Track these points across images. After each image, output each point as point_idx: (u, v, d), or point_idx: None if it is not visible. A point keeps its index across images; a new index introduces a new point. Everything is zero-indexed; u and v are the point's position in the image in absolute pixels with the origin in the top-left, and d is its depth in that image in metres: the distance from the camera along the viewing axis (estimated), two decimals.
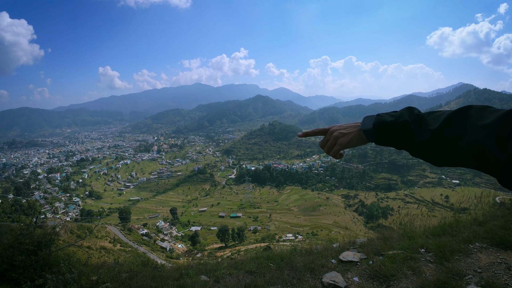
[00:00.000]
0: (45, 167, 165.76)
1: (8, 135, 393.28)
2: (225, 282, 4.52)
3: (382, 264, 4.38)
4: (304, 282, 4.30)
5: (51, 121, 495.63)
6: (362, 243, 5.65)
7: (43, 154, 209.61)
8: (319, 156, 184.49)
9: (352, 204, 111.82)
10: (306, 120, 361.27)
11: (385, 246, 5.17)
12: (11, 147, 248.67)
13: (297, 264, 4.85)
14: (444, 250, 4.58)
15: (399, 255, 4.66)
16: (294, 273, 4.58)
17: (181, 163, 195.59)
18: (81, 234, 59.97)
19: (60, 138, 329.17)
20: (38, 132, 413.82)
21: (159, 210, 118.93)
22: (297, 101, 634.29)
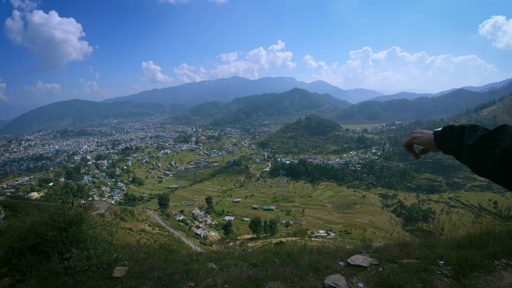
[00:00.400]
0: (93, 154, 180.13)
1: (60, 124, 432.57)
2: (228, 272, 4.74)
3: (392, 272, 4.19)
4: (305, 281, 4.30)
5: (99, 112, 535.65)
6: (378, 248, 5.44)
7: (92, 143, 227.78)
8: (356, 152, 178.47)
9: (390, 204, 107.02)
10: (345, 114, 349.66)
11: (401, 254, 4.93)
12: (64, 136, 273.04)
13: (302, 262, 4.87)
14: (464, 264, 4.27)
15: (413, 265, 4.43)
16: (297, 271, 4.61)
17: (217, 154, 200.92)
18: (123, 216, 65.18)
19: (107, 128, 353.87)
20: (88, 122, 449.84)
21: (195, 198, 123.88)
22: (335, 94, 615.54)
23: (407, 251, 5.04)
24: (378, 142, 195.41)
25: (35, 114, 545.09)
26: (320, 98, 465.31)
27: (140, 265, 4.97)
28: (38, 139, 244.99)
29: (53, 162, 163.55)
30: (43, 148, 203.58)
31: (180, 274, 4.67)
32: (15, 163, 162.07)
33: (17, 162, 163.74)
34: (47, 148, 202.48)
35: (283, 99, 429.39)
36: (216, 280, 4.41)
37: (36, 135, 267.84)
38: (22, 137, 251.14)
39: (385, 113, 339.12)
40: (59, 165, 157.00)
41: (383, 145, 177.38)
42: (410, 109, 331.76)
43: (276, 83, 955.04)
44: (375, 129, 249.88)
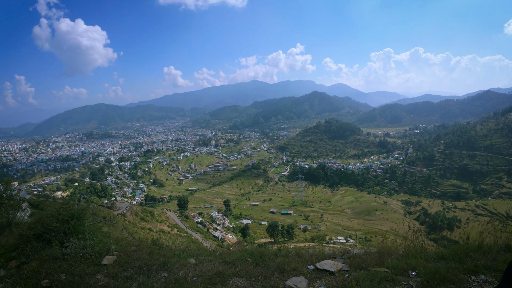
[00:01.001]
0: (117, 156, 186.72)
1: (86, 127, 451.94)
2: (201, 267, 5.22)
3: (356, 280, 4.24)
4: (268, 281, 4.51)
5: (123, 116, 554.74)
6: (355, 254, 5.49)
7: (116, 145, 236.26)
8: (378, 157, 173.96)
9: (413, 212, 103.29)
10: (366, 118, 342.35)
11: (375, 262, 4.95)
12: (89, 138, 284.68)
13: (272, 263, 5.10)
14: (433, 277, 4.14)
15: (382, 273, 4.44)
16: (264, 271, 4.86)
17: (236, 158, 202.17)
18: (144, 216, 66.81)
19: (130, 131, 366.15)
20: (112, 125, 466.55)
21: (214, 201, 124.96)
22: (356, 97, 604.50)
23: (381, 260, 5.03)
24: (400, 146, 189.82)
25: (63, 117, 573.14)
26: (340, 102, 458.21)
27: (127, 256, 5.73)
28: (65, 141, 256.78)
29: (78, 163, 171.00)
30: (70, 150, 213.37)
31: (158, 265, 5.30)
32: (42, 164, 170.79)
33: (45, 163, 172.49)
34: (74, 150, 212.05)
35: (302, 103, 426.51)
36: (188, 273, 4.91)
37: (63, 137, 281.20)
38: (50, 139, 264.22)
39: (408, 116, 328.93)
40: (84, 166, 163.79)
41: (406, 150, 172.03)
42: (435, 112, 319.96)
43: (295, 87, 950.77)
44: (397, 133, 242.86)
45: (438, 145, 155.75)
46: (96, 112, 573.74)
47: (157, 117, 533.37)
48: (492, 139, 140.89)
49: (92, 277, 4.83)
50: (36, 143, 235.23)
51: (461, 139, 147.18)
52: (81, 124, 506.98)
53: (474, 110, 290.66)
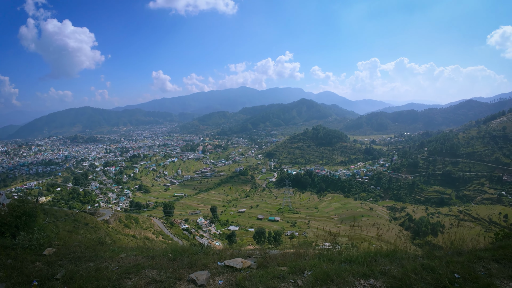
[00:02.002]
0: (102, 161, 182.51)
1: (71, 131, 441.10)
2: (127, 260, 5.88)
3: (251, 276, 4.68)
4: (176, 273, 5.04)
5: (109, 120, 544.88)
6: (270, 255, 5.90)
7: (101, 149, 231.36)
8: (364, 164, 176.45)
9: (398, 217, 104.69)
10: (352, 125, 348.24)
11: (282, 261, 5.34)
12: (73, 142, 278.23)
13: (186, 259, 5.61)
14: (322, 278, 4.46)
15: (278, 271, 4.83)
16: (177, 265, 5.39)
17: (224, 164, 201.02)
18: (128, 223, 65.15)
19: (116, 135, 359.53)
20: (98, 129, 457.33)
21: (201, 207, 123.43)
22: (343, 105, 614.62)
23: (284, 260, 5.46)
24: (386, 153, 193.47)
25: (47, 120, 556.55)
26: (327, 109, 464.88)
27: (66, 249, 6.57)
28: (48, 145, 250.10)
29: (61, 168, 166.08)
30: (53, 154, 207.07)
31: (88, 257, 6.08)
32: (24, 167, 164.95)
33: (27, 167, 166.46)
34: (57, 154, 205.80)
35: (290, 110, 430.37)
36: (111, 264, 5.60)
37: (47, 141, 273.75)
38: (32, 142, 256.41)
39: (393, 124, 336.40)
40: (67, 171, 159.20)
41: (391, 157, 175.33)
42: (419, 120, 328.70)
43: (284, 94, 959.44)
44: (383, 140, 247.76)
45: (422, 152, 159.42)
46: (81, 116, 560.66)
47: (145, 122, 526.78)
48: (474, 147, 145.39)
49: (32, 263, 5.66)
50: (18, 146, 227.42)
51: (444, 147, 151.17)
52: (66, 127, 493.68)
53: (457, 118, 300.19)
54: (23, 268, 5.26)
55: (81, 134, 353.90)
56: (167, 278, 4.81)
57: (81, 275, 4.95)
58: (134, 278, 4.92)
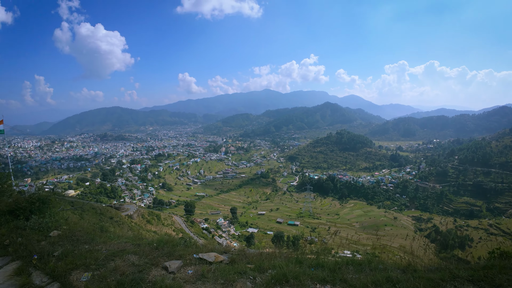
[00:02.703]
0: (129, 158, 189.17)
1: (101, 129, 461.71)
2: (117, 245, 6.57)
3: (216, 269, 5.03)
4: (154, 260, 5.51)
5: (137, 119, 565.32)
6: (246, 253, 6.18)
7: (129, 147, 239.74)
8: (389, 171, 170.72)
9: (424, 229, 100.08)
10: (378, 130, 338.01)
11: (251, 259, 5.64)
12: (103, 139, 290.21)
13: (166, 249, 6.12)
14: (279, 278, 4.70)
15: (242, 268, 5.11)
16: (157, 253, 5.87)
17: (245, 166, 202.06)
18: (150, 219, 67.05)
19: (143, 134, 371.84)
20: (126, 128, 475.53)
21: (221, 208, 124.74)
22: (368, 109, 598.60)
23: (256, 258, 5.73)
24: (413, 161, 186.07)
25: (79, 118, 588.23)
26: (352, 113, 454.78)
27: (69, 233, 7.33)
28: (79, 141, 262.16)
29: (91, 163, 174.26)
30: (84, 150, 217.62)
31: (85, 240, 6.91)
32: (56, 162, 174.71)
33: (59, 161, 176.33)
34: (87, 150, 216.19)
35: (314, 113, 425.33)
36: (103, 247, 6.29)
37: (78, 137, 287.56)
38: (65, 139, 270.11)
39: (422, 130, 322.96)
40: (96, 167, 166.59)
41: (418, 164, 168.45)
42: (449, 127, 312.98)
43: (308, 97, 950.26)
44: (410, 147, 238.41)
45: (452, 161, 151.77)
46: (111, 115, 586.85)
47: (170, 122, 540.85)
48: (507, 156, 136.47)
49: (38, 242, 6.47)
50: (52, 142, 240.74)
51: (476, 155, 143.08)
52: (96, 125, 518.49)
53: (490, 125, 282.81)
54: (29, 245, 6.10)
55: (110, 132, 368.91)
56: (145, 263, 5.28)
57: (74, 254, 5.66)
58: (118, 260, 5.48)
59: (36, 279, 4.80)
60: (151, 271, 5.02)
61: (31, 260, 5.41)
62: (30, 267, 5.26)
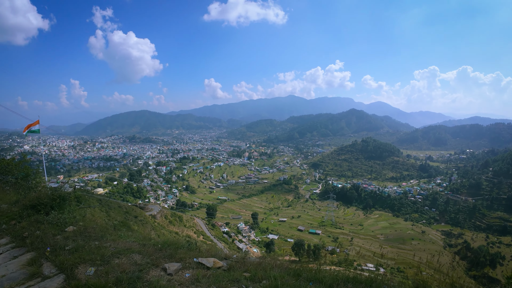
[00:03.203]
0: (155, 160, 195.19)
1: (130, 131, 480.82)
2: (122, 243, 6.85)
3: (211, 275, 5.07)
4: (155, 260, 5.66)
5: (164, 123, 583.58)
6: (247, 261, 6.13)
7: (155, 150, 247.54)
8: (418, 182, 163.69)
9: (453, 244, 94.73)
10: (406, 139, 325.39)
11: (250, 268, 5.59)
12: (131, 141, 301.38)
13: (168, 251, 6.32)
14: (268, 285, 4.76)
15: (236, 276, 5.13)
16: (160, 254, 6.06)
17: (268, 171, 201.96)
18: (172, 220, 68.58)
19: (169, 137, 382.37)
20: (153, 131, 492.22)
21: (242, 212, 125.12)
22: (396, 117, 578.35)
23: (255, 267, 5.68)
24: (444, 171, 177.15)
25: (110, 120, 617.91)
26: (379, 120, 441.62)
27: (84, 229, 7.63)
28: (109, 142, 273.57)
29: (119, 164, 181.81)
30: (113, 151, 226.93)
31: (97, 237, 7.16)
32: (87, 161, 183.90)
33: (90, 161, 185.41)
34: (116, 151, 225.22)
35: (339, 120, 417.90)
36: (111, 245, 6.53)
37: (109, 139, 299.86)
38: (96, 139, 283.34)
39: (453, 139, 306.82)
40: (124, 167, 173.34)
41: (450, 176, 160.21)
42: (484, 136, 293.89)
43: (333, 103, 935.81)
44: (441, 157, 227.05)
45: (486, 173, 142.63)
46: (139, 118, 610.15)
47: (195, 126, 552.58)
48: None
49: (53, 236, 6.85)
50: (84, 142, 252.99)
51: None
52: (126, 128, 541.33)
53: None
54: (45, 238, 6.54)
55: (138, 134, 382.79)
56: (146, 263, 5.49)
57: (84, 249, 5.99)
58: (122, 258, 5.73)
59: (46, 270, 5.19)
60: (150, 271, 5.22)
61: (45, 252, 5.86)
62: (42, 258, 5.66)
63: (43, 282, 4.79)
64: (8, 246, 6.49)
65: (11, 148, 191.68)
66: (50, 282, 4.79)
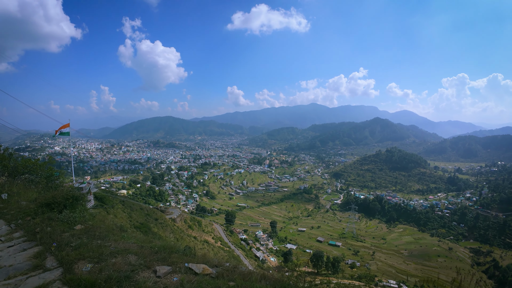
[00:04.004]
0: (177, 165, 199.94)
1: (154, 136, 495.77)
2: (122, 244, 7.23)
3: (194, 280, 5.25)
4: (149, 262, 5.93)
5: (187, 129, 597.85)
6: (236, 270, 6.21)
7: (178, 155, 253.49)
8: (446, 195, 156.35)
9: (482, 263, 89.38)
10: (434, 149, 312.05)
11: (235, 278, 5.72)
12: (155, 146, 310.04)
13: (163, 255, 6.56)
14: None
15: (220, 284, 5.29)
16: (154, 257, 6.33)
17: (288, 180, 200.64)
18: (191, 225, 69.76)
19: (192, 143, 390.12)
20: (177, 136, 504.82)
21: (261, 220, 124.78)
22: (423, 126, 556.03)
23: (241, 277, 5.80)
24: (474, 185, 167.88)
25: (136, 125, 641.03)
26: (404, 130, 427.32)
27: (91, 228, 8.12)
28: (135, 146, 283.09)
29: (143, 167, 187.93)
30: (138, 154, 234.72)
31: (100, 236, 7.53)
32: (113, 163, 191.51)
33: (116, 163, 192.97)
34: (141, 155, 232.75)
35: (362, 129, 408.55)
36: (111, 244, 6.91)
37: (134, 143, 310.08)
38: (122, 143, 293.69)
39: (484, 151, 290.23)
40: (148, 170, 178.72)
41: (480, 189, 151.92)
42: None
43: (356, 112, 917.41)
44: (471, 169, 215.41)
45: None
46: (164, 123, 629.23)
47: (217, 133, 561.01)
48: None
49: (62, 233, 7.32)
50: (111, 145, 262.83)
51: None
52: (151, 133, 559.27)
53: None
54: (53, 234, 7.08)
55: (162, 139, 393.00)
56: (139, 264, 5.81)
57: (86, 247, 6.44)
58: (119, 258, 6.08)
59: (48, 263, 5.75)
60: (141, 272, 5.48)
61: (51, 247, 6.38)
62: (47, 252, 6.19)
63: (43, 274, 5.31)
64: (20, 239, 7.10)
65: (42, 148, 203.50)
66: (49, 274, 5.31)
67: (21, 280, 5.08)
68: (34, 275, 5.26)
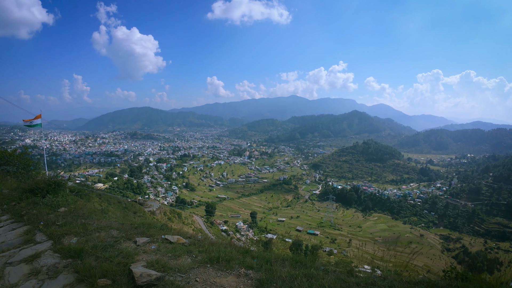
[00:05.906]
0: (155, 157, 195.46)
1: (132, 127, 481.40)
2: (105, 222, 7.98)
3: (168, 248, 6.04)
4: (129, 235, 6.67)
5: (165, 120, 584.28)
6: (208, 241, 7.10)
7: (156, 146, 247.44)
8: (418, 185, 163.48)
9: (451, 249, 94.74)
10: (408, 142, 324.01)
11: (206, 245, 6.48)
12: (133, 137, 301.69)
13: (143, 229, 7.29)
14: (213, 257, 5.55)
15: (191, 249, 6.03)
16: (134, 231, 7.05)
17: (268, 171, 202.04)
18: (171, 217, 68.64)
19: (171, 134, 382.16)
20: (155, 128, 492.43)
21: (241, 211, 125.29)
22: (398, 119, 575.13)
23: (212, 245, 6.52)
24: (444, 176, 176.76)
25: (112, 116, 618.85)
26: (381, 123, 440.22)
27: (74, 210, 8.64)
28: (111, 138, 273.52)
29: (120, 160, 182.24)
30: (114, 146, 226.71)
31: (84, 216, 8.17)
32: (88, 156, 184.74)
33: (91, 156, 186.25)
34: (118, 147, 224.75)
35: (340, 121, 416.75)
36: (95, 222, 7.61)
37: (110, 135, 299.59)
38: (98, 135, 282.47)
39: (455, 143, 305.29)
40: (125, 163, 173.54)
41: (450, 180, 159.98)
42: (485, 141, 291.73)
43: (335, 104, 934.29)
44: (442, 161, 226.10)
45: (486, 178, 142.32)
46: (141, 115, 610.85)
47: (197, 124, 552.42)
48: None
49: (47, 215, 7.78)
50: (85, 137, 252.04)
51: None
52: (127, 124, 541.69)
53: None
54: (40, 216, 7.60)
55: (140, 131, 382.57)
56: (121, 237, 6.53)
57: (71, 224, 7.06)
58: (102, 232, 6.77)
59: (38, 238, 6.31)
60: (123, 243, 6.23)
61: (38, 225, 6.88)
62: (36, 230, 6.72)
63: (35, 246, 5.86)
64: (8, 221, 7.52)
65: (13, 141, 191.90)
66: (40, 246, 5.89)
67: (15, 252, 5.58)
68: (27, 248, 5.79)
